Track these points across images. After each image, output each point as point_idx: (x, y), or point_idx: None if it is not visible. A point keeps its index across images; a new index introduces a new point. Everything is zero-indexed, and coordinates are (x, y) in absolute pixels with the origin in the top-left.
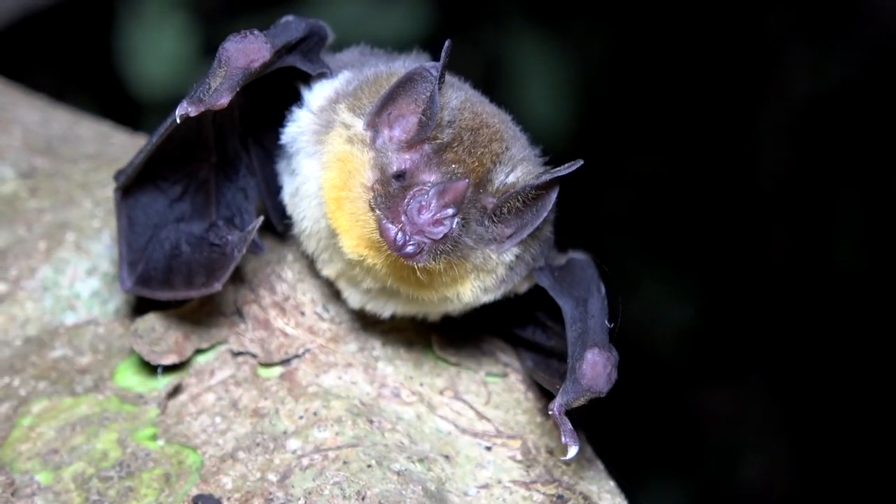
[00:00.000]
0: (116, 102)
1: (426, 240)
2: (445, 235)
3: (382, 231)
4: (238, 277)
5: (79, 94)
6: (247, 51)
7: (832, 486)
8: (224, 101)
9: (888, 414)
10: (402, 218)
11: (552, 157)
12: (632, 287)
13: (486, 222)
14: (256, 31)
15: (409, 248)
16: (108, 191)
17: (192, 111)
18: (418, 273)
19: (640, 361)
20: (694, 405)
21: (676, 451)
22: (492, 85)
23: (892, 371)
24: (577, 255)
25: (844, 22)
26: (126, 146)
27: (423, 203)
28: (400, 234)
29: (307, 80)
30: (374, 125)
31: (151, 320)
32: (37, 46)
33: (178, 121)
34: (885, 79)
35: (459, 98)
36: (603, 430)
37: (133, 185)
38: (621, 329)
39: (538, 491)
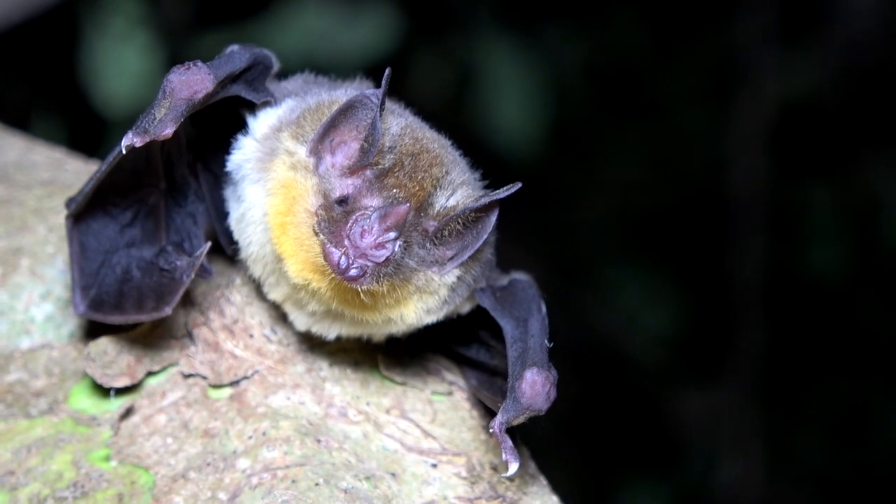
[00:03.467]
0: (82, 119)
1: (369, 263)
2: (388, 258)
3: (326, 255)
4: (188, 300)
5: (45, 112)
6: (190, 82)
7: (807, 489)
8: (168, 131)
9: (863, 416)
10: (346, 242)
11: (524, 164)
12: (609, 293)
13: (428, 245)
14: (200, 63)
15: (353, 272)
16: (62, 217)
17: (138, 142)
18: (362, 296)
19: (618, 366)
20: (671, 409)
21: (653, 455)
22: (464, 93)
23: (868, 374)
24: (519, 276)
25: (815, 26)
26: (80, 172)
27: (366, 227)
28: (343, 258)
29: (252, 108)
30: (316, 152)
31: (104, 344)
32: (2, 64)
33: (124, 151)
34: (856, 82)
35: (400, 124)
36: (581, 433)
37: (84, 211)
38: (599, 334)
39: None
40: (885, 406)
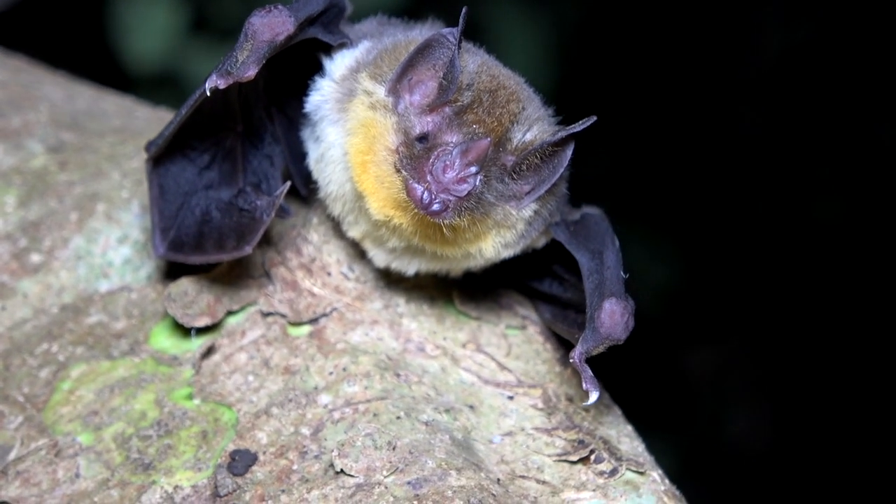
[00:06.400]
0: (110, 77)
1: (451, 197)
2: (469, 193)
3: (409, 191)
4: (265, 241)
5: (72, 71)
6: (272, 24)
7: (814, 439)
8: (251, 73)
9: (866, 365)
10: (428, 177)
11: (552, 113)
12: None
13: (506, 179)
14: (280, 6)
15: (436, 206)
16: (135, 162)
17: (221, 84)
18: (444, 230)
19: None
20: (677, 364)
21: (661, 409)
22: None
23: (870, 323)
24: (591, 210)
25: None
26: (149, 119)
27: (448, 162)
28: (426, 193)
29: (328, 50)
30: (395, 91)
31: (184, 284)
32: (26, 25)
33: (209, 93)
34: (856, 30)
35: (476, 62)
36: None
37: (163, 155)
38: None
39: (560, 437)
40: (892, 358)
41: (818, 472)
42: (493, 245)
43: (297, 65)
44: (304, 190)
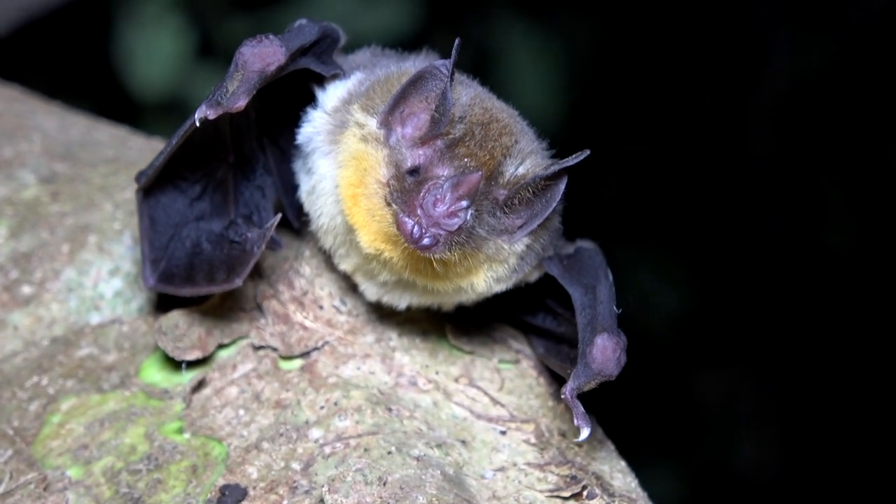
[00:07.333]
0: (114, 104)
1: (442, 232)
2: (460, 227)
3: (399, 225)
4: (257, 274)
5: (74, 97)
6: (262, 55)
7: (823, 466)
8: (241, 103)
9: (876, 394)
10: (418, 211)
11: (546, 147)
12: (624, 274)
13: (498, 214)
14: (272, 36)
15: (426, 241)
16: (128, 193)
17: (211, 114)
18: (434, 264)
19: (633, 347)
20: (687, 390)
21: (670, 434)
22: (480, 78)
23: (882, 350)
24: (585, 244)
25: (828, 3)
26: (143, 149)
27: (438, 196)
28: (416, 228)
29: (321, 81)
30: (387, 123)
31: (175, 317)
32: (31, 50)
33: (198, 124)
34: (868, 58)
35: (469, 94)
36: (596, 414)
37: (154, 185)
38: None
39: (552, 472)
40: None
41: (827, 499)
42: (485, 279)
43: (289, 95)
44: (296, 222)
